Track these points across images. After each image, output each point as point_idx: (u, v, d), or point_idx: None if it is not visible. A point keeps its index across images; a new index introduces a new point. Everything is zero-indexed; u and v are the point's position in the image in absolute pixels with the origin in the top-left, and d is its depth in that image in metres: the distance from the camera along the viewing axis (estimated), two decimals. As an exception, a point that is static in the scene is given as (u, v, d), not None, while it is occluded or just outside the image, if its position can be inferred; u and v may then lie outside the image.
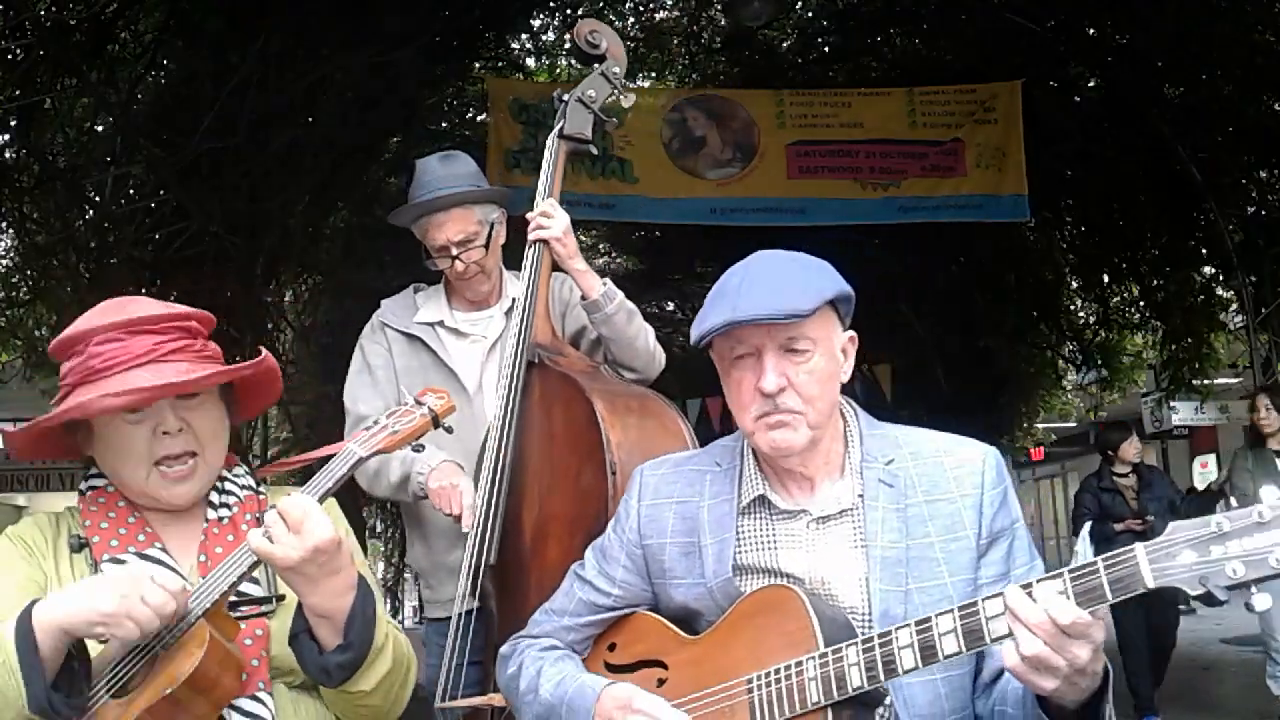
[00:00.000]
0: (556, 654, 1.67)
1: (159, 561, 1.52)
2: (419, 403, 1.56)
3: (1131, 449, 6.42)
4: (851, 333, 1.60)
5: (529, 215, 2.50)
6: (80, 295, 5.84)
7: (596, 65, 2.63)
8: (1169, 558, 1.20)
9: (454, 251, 2.52)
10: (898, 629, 1.35)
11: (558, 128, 2.58)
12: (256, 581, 1.52)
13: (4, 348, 6.47)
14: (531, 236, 2.48)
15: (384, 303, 2.70)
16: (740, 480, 1.61)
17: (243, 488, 1.66)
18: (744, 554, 1.57)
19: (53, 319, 6.20)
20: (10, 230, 6.14)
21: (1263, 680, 6.08)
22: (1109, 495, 6.31)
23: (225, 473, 1.66)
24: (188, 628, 1.38)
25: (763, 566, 1.55)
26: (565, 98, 2.60)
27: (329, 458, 1.50)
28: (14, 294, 6.23)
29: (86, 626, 1.32)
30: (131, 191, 6.10)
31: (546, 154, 2.57)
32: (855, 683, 1.36)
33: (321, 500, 1.44)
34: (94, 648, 1.41)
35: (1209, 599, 1.19)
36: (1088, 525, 6.20)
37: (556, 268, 2.51)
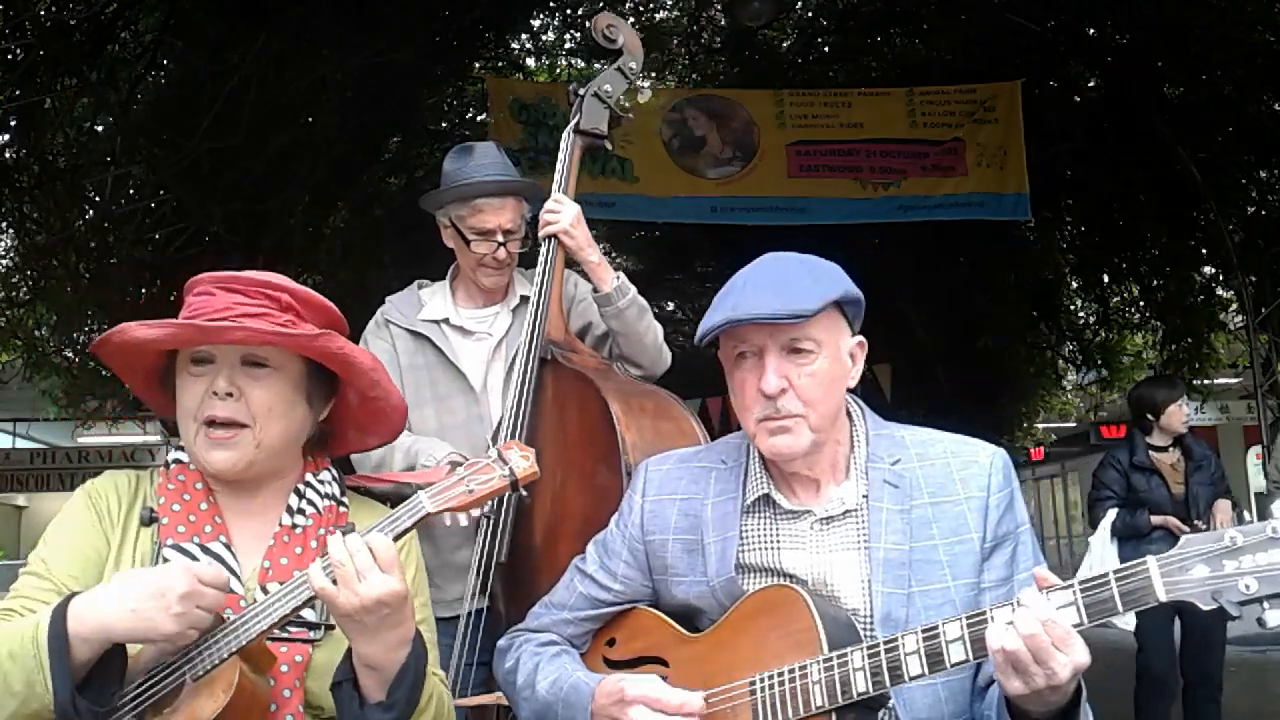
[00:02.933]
0: (554, 649, 1.67)
1: (219, 558, 1.49)
2: (503, 460, 1.44)
3: (1180, 415, 4.74)
4: (860, 338, 1.58)
5: (542, 212, 2.50)
6: (80, 295, 5.85)
7: (612, 60, 2.60)
8: (1181, 571, 1.20)
9: (501, 239, 2.52)
10: (904, 635, 1.34)
11: (573, 122, 2.57)
12: (312, 607, 1.45)
13: (4, 348, 6.47)
14: (542, 232, 2.48)
15: (389, 299, 2.69)
16: (745, 479, 1.60)
17: (324, 496, 1.59)
18: (747, 553, 1.56)
19: (53, 319, 6.21)
20: (10, 230, 6.14)
21: (1262, 680, 5.93)
22: (1143, 476, 4.70)
23: (310, 477, 1.60)
24: (224, 657, 1.34)
25: (765, 566, 1.55)
26: (581, 92, 2.58)
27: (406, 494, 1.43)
28: (14, 294, 6.23)
29: (147, 642, 1.31)
30: (131, 191, 6.11)
31: (561, 150, 2.55)
32: (860, 688, 1.35)
33: None
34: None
35: (1221, 614, 1.19)
36: (1111, 514, 4.64)
37: (570, 263, 2.49)
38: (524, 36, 9.37)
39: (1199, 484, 4.69)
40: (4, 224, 6.05)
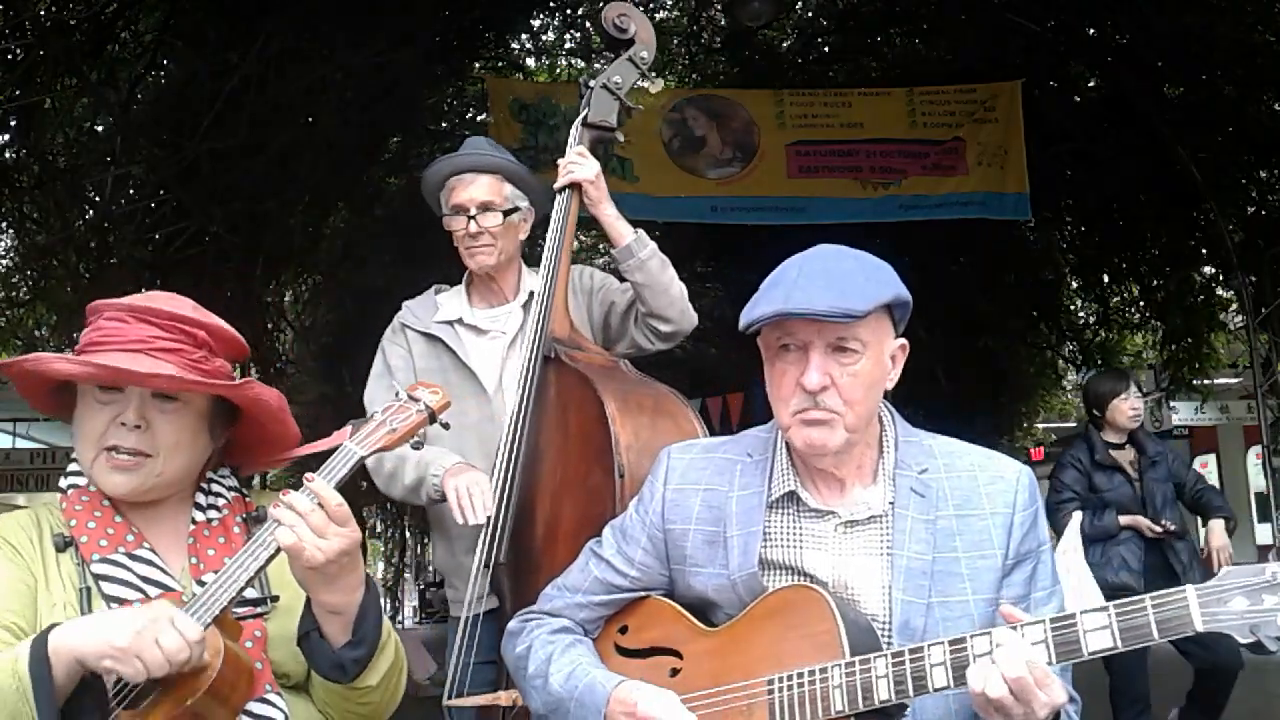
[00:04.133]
0: (568, 639, 1.65)
1: (150, 562, 1.50)
2: (413, 399, 1.54)
3: (1126, 410, 4.52)
4: (903, 341, 1.56)
5: (559, 161, 2.49)
6: (80, 295, 5.85)
7: (623, 50, 2.57)
8: (1220, 603, 1.21)
9: (472, 211, 2.51)
10: (930, 645, 1.34)
11: (581, 115, 2.55)
12: (252, 585, 1.50)
13: (4, 348, 6.46)
14: (562, 180, 2.46)
15: (405, 304, 2.68)
16: (771, 474, 1.59)
17: (229, 489, 1.64)
18: (770, 549, 1.55)
19: (53, 319, 6.21)
20: (10, 230, 6.14)
21: (1262, 681, 5.83)
22: (1106, 474, 4.49)
23: (211, 474, 1.63)
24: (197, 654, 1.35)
25: (787, 564, 1.54)
26: (590, 84, 2.56)
27: (324, 454, 1.48)
28: (14, 294, 6.24)
29: (96, 658, 1.30)
30: (131, 191, 6.11)
31: (570, 143, 2.53)
32: (882, 696, 1.34)
33: None
34: None
35: (1258, 647, 1.19)
36: (1077, 517, 4.38)
37: (576, 263, 2.47)
38: (524, 36, 9.38)
39: (1154, 480, 4.48)
40: (4, 224, 6.04)
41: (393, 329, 2.64)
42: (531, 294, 2.53)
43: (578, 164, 2.46)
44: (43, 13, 5.24)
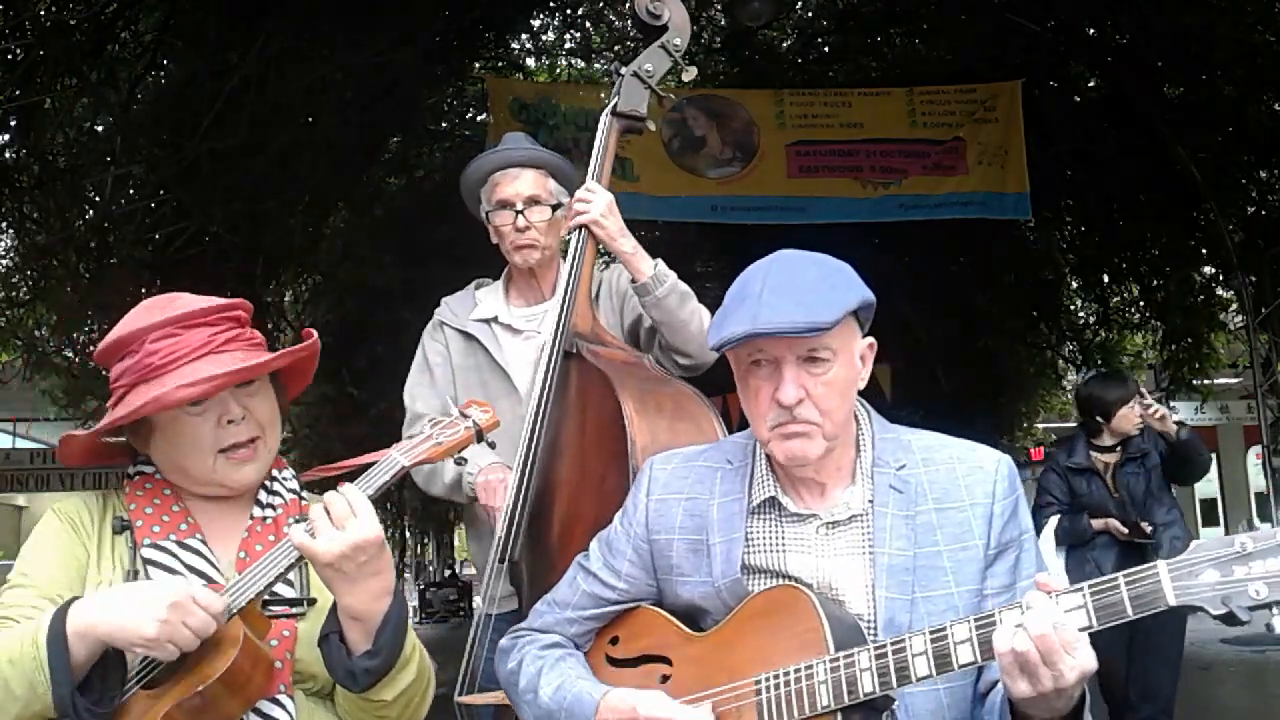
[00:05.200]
0: (558, 653, 1.66)
1: (198, 552, 1.52)
2: (464, 415, 1.59)
3: (1132, 417, 4.42)
4: (870, 339, 1.57)
5: (573, 201, 2.44)
6: (80, 295, 5.86)
7: (655, 37, 2.49)
8: (1191, 576, 1.21)
9: (519, 206, 2.48)
10: (911, 636, 1.34)
11: (611, 105, 2.47)
12: (290, 583, 1.53)
13: (4, 348, 6.47)
14: (572, 222, 2.41)
15: (444, 300, 2.67)
16: (751, 480, 1.59)
17: (289, 490, 1.67)
18: (752, 555, 1.55)
19: (53, 319, 6.21)
20: (10, 230, 6.14)
21: (1262, 680, 5.88)
22: (1083, 478, 4.51)
23: (275, 473, 1.66)
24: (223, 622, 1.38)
25: (770, 569, 1.54)
26: (622, 72, 2.49)
27: (372, 464, 1.51)
28: (14, 294, 6.24)
29: (127, 646, 1.34)
30: (131, 191, 6.11)
31: (599, 133, 2.47)
32: (867, 688, 1.35)
33: None
34: None
35: (1231, 619, 1.19)
36: (1053, 521, 4.43)
37: (604, 251, 2.43)
38: (524, 36, 9.39)
39: (1129, 475, 4.40)
40: (4, 224, 6.05)
41: (432, 325, 2.64)
42: None
43: (584, 205, 2.37)
44: (43, 13, 5.25)
